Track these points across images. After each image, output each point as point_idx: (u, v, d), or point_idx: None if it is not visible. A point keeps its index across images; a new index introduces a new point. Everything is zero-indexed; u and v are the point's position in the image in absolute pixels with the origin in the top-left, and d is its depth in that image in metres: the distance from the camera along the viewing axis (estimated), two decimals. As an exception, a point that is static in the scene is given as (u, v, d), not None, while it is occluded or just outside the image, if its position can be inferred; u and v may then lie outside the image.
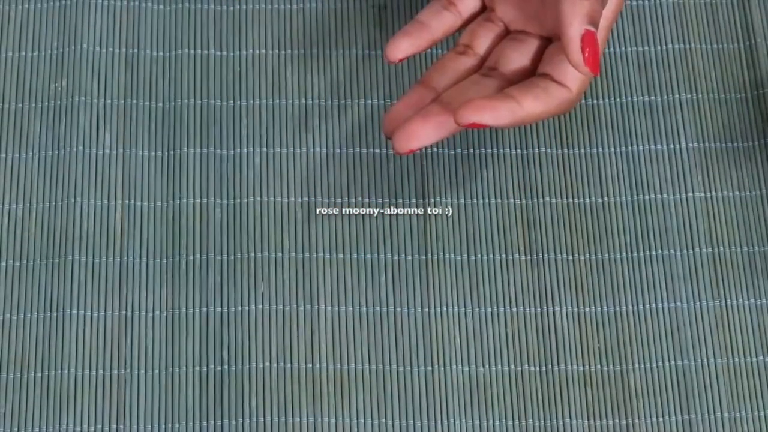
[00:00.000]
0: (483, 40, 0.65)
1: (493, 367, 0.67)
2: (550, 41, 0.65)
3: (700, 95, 0.73)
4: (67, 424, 0.65)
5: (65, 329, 0.67)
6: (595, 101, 0.72)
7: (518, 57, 0.64)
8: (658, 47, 0.74)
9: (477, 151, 0.71)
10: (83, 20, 0.74)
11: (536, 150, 0.71)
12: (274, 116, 0.72)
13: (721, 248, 0.69)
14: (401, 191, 0.70)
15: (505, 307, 0.68)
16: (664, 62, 0.73)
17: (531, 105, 0.61)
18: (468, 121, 0.60)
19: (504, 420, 0.65)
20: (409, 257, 0.69)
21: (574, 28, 0.60)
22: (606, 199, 0.70)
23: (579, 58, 0.60)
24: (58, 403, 0.66)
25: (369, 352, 0.67)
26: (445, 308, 0.68)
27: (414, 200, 0.70)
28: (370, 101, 0.72)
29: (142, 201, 0.70)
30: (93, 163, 0.71)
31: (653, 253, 0.69)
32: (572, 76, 0.62)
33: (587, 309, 0.68)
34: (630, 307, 0.68)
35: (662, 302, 0.68)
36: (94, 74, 0.73)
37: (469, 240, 0.69)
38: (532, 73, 0.64)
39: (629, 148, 0.71)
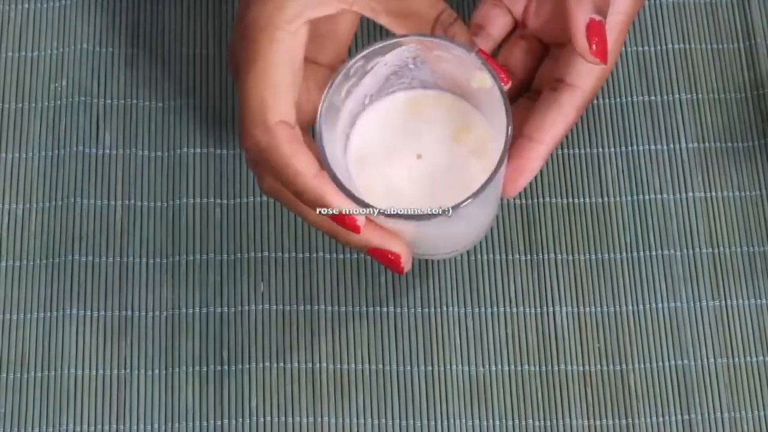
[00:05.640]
0: (519, 59, 0.65)
1: (493, 367, 0.67)
2: None
3: (700, 95, 0.73)
4: (67, 424, 0.65)
5: (65, 329, 0.67)
6: (595, 101, 0.72)
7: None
8: (658, 47, 0.74)
9: (477, 151, 0.71)
10: (83, 20, 0.74)
11: (536, 150, 0.71)
12: (274, 116, 0.72)
13: (721, 248, 0.69)
14: (401, 191, 0.70)
15: (505, 307, 0.68)
16: (664, 62, 0.73)
17: (552, 135, 0.62)
18: (517, 192, 0.62)
19: (504, 420, 0.65)
20: (409, 257, 0.69)
21: (580, 17, 0.59)
22: (606, 199, 0.70)
23: (585, 46, 0.59)
24: (58, 403, 0.66)
25: (369, 352, 0.67)
26: (445, 308, 0.68)
27: (414, 200, 0.70)
28: (370, 101, 0.72)
29: (142, 201, 0.70)
30: (93, 163, 0.71)
31: (653, 253, 0.69)
32: (585, 76, 0.62)
33: (587, 309, 0.68)
34: (630, 307, 0.68)
35: (662, 302, 0.68)
36: (94, 74, 0.73)
37: (469, 240, 0.69)
38: None
39: (629, 148, 0.71)
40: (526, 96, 0.64)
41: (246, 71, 0.58)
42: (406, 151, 0.61)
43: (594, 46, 0.60)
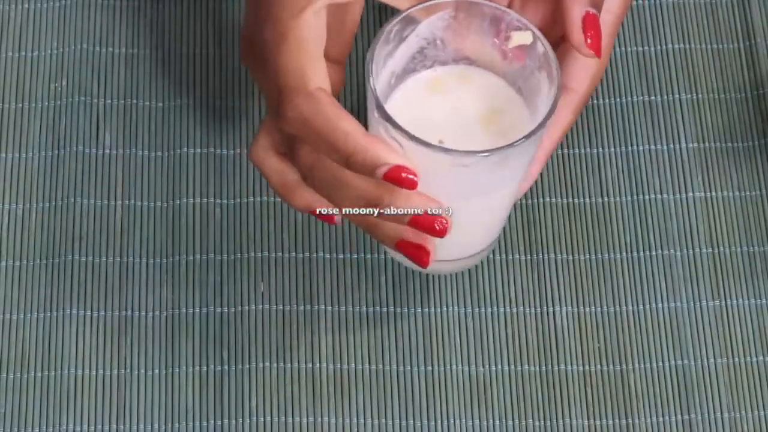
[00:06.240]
0: None
1: (493, 367, 0.67)
2: None
3: (700, 95, 0.73)
4: (67, 424, 0.65)
5: (65, 329, 0.67)
6: (595, 101, 0.72)
7: None
8: (658, 47, 0.74)
9: (477, 151, 0.71)
10: (83, 20, 0.74)
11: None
12: (274, 116, 0.72)
13: (721, 248, 0.69)
14: (401, 191, 0.70)
15: (505, 307, 0.68)
16: (664, 62, 0.73)
17: (549, 137, 0.62)
18: (520, 197, 0.63)
19: (504, 420, 0.65)
20: (409, 257, 0.69)
21: (576, 10, 0.60)
22: (606, 199, 0.70)
23: (580, 39, 0.60)
24: (58, 403, 0.66)
25: (369, 352, 0.67)
26: (445, 308, 0.68)
27: (414, 200, 0.70)
28: (370, 101, 0.72)
29: (142, 201, 0.70)
30: (93, 163, 0.71)
31: (653, 253, 0.69)
32: (579, 78, 0.62)
33: (587, 309, 0.68)
34: (630, 307, 0.68)
35: (662, 302, 0.68)
36: (94, 74, 0.73)
37: (469, 240, 0.69)
38: None
39: (629, 148, 0.71)
40: None
41: (277, 49, 0.57)
42: (433, 135, 0.60)
43: (589, 40, 0.60)
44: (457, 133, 0.60)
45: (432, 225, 0.58)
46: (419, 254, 0.59)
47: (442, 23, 0.60)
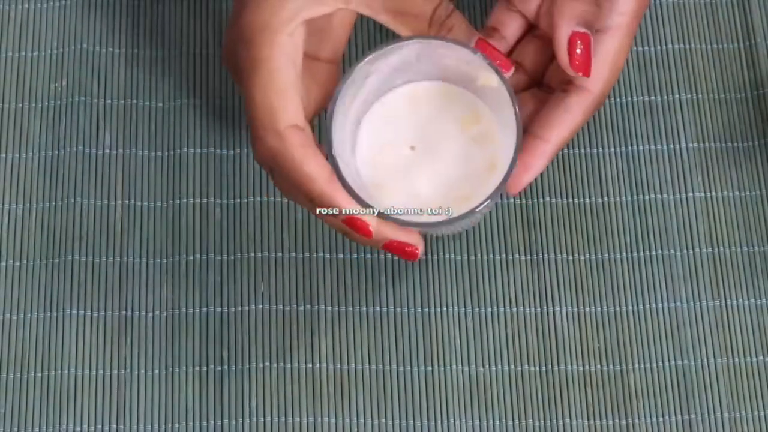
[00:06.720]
0: (531, 56, 0.65)
1: (493, 367, 0.67)
2: None
3: (700, 95, 0.73)
4: (67, 424, 0.65)
5: (65, 329, 0.67)
6: (595, 101, 0.72)
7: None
8: (658, 47, 0.74)
9: (477, 151, 0.71)
10: (83, 20, 0.74)
11: (536, 150, 0.71)
12: (274, 116, 0.72)
13: (721, 248, 0.69)
14: (401, 191, 0.70)
15: (505, 307, 0.68)
16: (664, 62, 0.73)
17: (558, 134, 0.62)
18: (521, 189, 0.62)
19: (504, 420, 0.65)
20: (409, 257, 0.69)
21: (562, 30, 0.60)
22: (606, 199, 0.70)
23: (564, 60, 0.60)
24: (58, 403, 0.66)
25: (369, 352, 0.67)
26: (445, 308, 0.68)
27: (414, 200, 0.70)
28: (370, 101, 0.72)
29: (142, 201, 0.70)
30: (93, 163, 0.71)
31: (653, 253, 0.69)
32: (593, 79, 0.62)
33: (587, 309, 0.68)
34: (630, 307, 0.68)
35: (662, 302, 0.68)
36: (94, 74, 0.73)
37: (469, 240, 0.69)
38: None
39: (629, 148, 0.71)
40: (537, 88, 0.65)
41: (249, 77, 0.58)
42: (413, 145, 0.61)
43: (576, 61, 0.60)
44: (431, 141, 0.61)
45: (404, 252, 0.59)
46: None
47: (413, 52, 0.60)
